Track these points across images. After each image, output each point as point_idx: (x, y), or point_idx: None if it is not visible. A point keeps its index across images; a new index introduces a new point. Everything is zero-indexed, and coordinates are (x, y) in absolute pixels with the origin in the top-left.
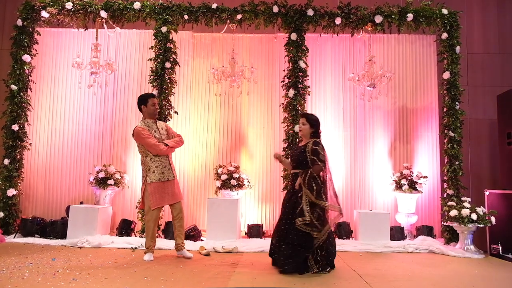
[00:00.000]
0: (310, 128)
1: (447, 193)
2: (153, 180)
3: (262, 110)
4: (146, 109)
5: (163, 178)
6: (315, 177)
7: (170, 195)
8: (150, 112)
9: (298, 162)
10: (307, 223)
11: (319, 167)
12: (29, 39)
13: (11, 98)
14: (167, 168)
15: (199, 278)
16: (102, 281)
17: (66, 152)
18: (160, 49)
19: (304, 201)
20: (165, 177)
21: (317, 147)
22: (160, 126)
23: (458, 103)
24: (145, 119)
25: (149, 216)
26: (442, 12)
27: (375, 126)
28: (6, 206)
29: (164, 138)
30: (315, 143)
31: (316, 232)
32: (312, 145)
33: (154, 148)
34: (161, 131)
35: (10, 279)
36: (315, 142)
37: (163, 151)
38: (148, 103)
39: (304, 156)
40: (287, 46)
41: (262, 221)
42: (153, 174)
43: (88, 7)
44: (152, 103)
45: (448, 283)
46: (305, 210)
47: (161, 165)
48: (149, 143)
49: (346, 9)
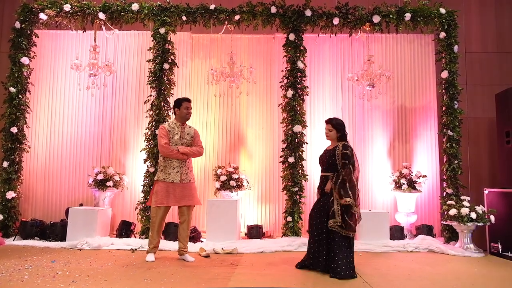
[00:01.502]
0: (337, 133)
1: (447, 192)
2: (160, 178)
3: (261, 111)
4: (179, 112)
5: (167, 179)
6: (346, 180)
7: (176, 197)
8: (182, 115)
9: (327, 165)
10: (340, 225)
11: (349, 170)
12: (27, 42)
13: (9, 101)
14: (176, 170)
15: (199, 279)
16: (101, 283)
17: (65, 154)
18: (158, 51)
19: (336, 204)
20: (170, 179)
21: (347, 151)
22: (187, 131)
23: (456, 102)
24: (175, 120)
25: (153, 212)
26: (440, 11)
27: (374, 125)
28: (5, 209)
29: (186, 143)
30: (344, 146)
31: (351, 232)
32: (342, 149)
33: (161, 148)
34: (186, 136)
35: (10, 282)
36: (344, 145)
37: (170, 154)
38: (181, 106)
39: (333, 159)
40: (285, 46)
41: (262, 222)
42: (161, 172)
43: (86, 9)
44: (185, 107)
45: (448, 282)
46: (336, 212)
47: (169, 165)
48: (160, 142)
49: (344, 9)
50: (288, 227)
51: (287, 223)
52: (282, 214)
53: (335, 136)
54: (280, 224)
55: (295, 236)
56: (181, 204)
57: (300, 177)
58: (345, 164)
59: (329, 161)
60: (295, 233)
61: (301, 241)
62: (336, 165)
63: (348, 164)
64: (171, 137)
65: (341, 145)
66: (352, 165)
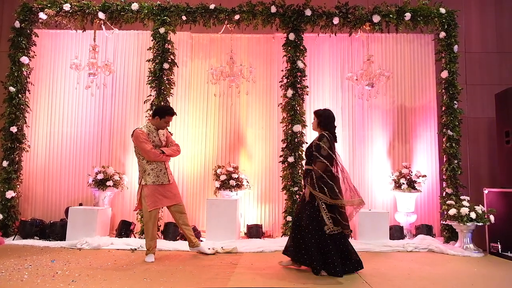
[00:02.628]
0: (317, 120)
1: (446, 192)
2: (148, 182)
3: (261, 111)
4: (158, 121)
5: (158, 182)
6: (322, 176)
7: (168, 197)
8: (160, 126)
9: (307, 158)
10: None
11: (321, 164)
12: (27, 41)
13: (9, 100)
14: (163, 172)
15: (199, 279)
16: (101, 282)
17: (65, 153)
18: (158, 50)
19: (321, 207)
20: (160, 181)
21: (320, 141)
22: (161, 132)
23: (456, 102)
24: (150, 124)
25: (147, 217)
26: (439, 11)
27: (374, 125)
28: (5, 208)
29: (163, 144)
30: (320, 136)
31: (347, 230)
32: (316, 139)
33: (148, 154)
34: (161, 137)
35: (9, 282)
36: (321, 135)
37: (158, 158)
38: (164, 119)
39: (310, 151)
40: (285, 46)
41: (262, 221)
42: (149, 176)
43: (86, 8)
44: (166, 121)
45: (447, 282)
46: (325, 217)
47: (157, 168)
48: (145, 149)
49: (344, 8)
50: (287, 226)
51: (286, 223)
52: (281, 214)
53: (316, 125)
54: (280, 223)
55: None
56: (174, 202)
57: (299, 177)
58: (316, 157)
59: (307, 152)
60: None
61: None
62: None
63: (318, 156)
64: (151, 141)
65: (318, 135)
66: (324, 156)
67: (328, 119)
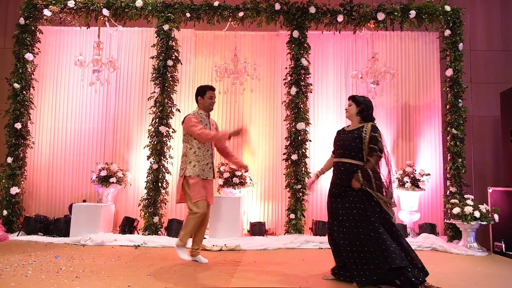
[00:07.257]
0: (357, 107)
1: (450, 191)
2: (193, 174)
3: (264, 108)
4: (202, 100)
5: (203, 176)
6: (376, 170)
7: (209, 194)
8: (205, 104)
9: (348, 149)
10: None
11: (378, 158)
12: (31, 38)
13: (13, 97)
14: (209, 166)
15: (202, 276)
16: (105, 278)
17: (69, 150)
18: (162, 47)
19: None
20: (205, 175)
21: (376, 133)
22: (212, 122)
23: (461, 100)
24: (199, 110)
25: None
26: (445, 9)
27: (378, 123)
28: (9, 204)
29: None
30: (374, 128)
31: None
32: (370, 131)
33: (200, 135)
34: (211, 127)
35: (14, 277)
36: (374, 127)
37: (209, 137)
38: (205, 95)
39: (357, 142)
40: (289, 43)
41: (265, 219)
42: (193, 168)
43: (90, 5)
44: (209, 96)
45: (450, 281)
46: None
47: (204, 161)
48: (195, 131)
49: (348, 6)
50: (291, 224)
51: (290, 221)
52: (285, 212)
53: (354, 111)
54: (283, 221)
55: (298, 234)
56: (210, 202)
57: (303, 175)
58: (373, 150)
59: (351, 143)
60: (298, 231)
61: (304, 238)
62: (359, 150)
63: (376, 149)
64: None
65: (369, 126)
66: (381, 150)
67: (371, 108)
